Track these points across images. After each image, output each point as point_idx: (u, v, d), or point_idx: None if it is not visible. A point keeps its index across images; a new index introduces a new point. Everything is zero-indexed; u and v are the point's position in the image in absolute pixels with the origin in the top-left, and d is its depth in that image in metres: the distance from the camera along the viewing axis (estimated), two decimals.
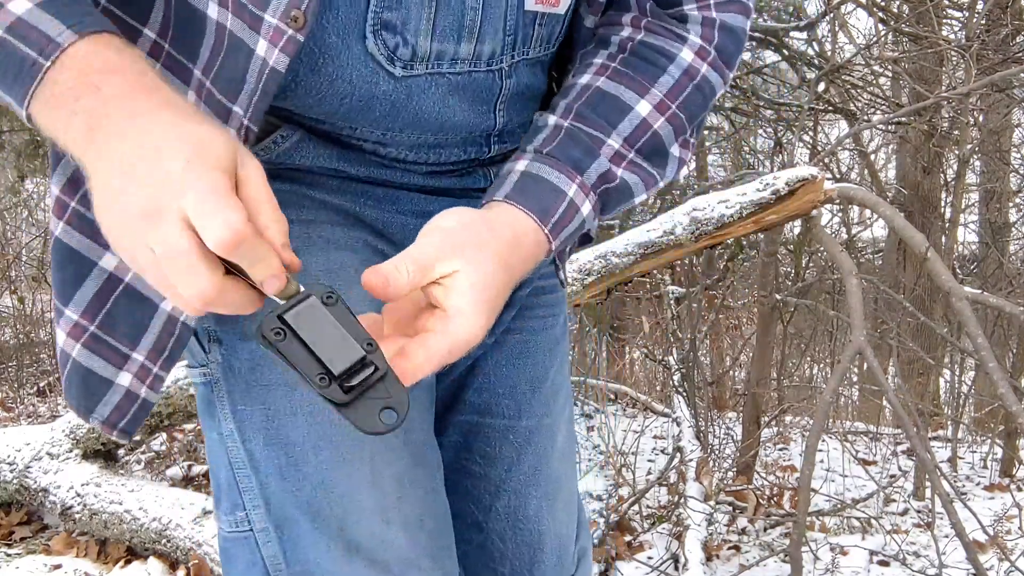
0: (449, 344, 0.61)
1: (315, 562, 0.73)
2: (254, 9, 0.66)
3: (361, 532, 0.72)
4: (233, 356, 0.74)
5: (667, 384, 4.42)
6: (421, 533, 0.75)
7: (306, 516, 0.72)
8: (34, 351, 6.01)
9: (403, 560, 0.73)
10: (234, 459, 0.75)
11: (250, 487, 0.75)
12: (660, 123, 0.78)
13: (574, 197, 0.74)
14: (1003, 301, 2.44)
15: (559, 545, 0.91)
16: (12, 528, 2.73)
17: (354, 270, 0.73)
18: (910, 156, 5.51)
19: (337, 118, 0.76)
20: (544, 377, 0.91)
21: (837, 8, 4.23)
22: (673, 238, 2.56)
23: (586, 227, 0.77)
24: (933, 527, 2.85)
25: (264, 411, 0.73)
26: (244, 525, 0.76)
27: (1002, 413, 4.17)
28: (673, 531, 2.90)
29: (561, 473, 0.92)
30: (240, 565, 0.77)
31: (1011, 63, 4.10)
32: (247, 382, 0.74)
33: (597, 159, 0.76)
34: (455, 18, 0.73)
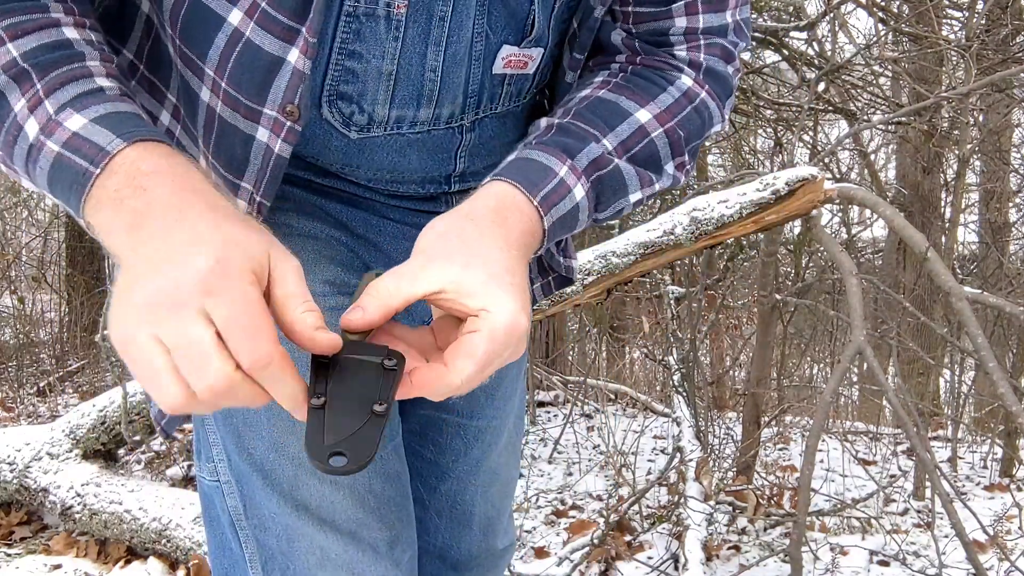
0: (490, 338, 0.60)
1: (269, 516, 0.78)
2: (249, 103, 0.69)
3: (311, 493, 0.77)
4: None
5: (667, 384, 4.42)
6: (370, 496, 0.79)
7: (259, 475, 0.77)
8: (34, 351, 6.01)
9: (351, 520, 0.78)
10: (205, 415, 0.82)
11: (216, 442, 0.82)
12: (658, 133, 0.78)
13: (564, 177, 0.72)
14: (1003, 301, 2.44)
15: (487, 523, 1.01)
16: (12, 528, 2.73)
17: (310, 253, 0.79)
18: (910, 156, 5.51)
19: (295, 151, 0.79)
20: (498, 385, 0.97)
21: (837, 8, 4.22)
22: (673, 238, 2.56)
23: (581, 217, 0.74)
24: (933, 527, 2.85)
25: None
26: (214, 476, 0.83)
27: (1002, 413, 4.17)
28: (673, 531, 2.90)
29: (501, 464, 1.01)
30: (213, 512, 0.84)
31: (1011, 63, 4.10)
32: None
33: (588, 145, 0.74)
34: (414, 88, 0.75)
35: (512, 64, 0.78)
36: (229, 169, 0.71)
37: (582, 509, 3.38)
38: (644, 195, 0.78)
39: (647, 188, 0.78)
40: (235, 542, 0.82)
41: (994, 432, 4.39)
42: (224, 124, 0.71)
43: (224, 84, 0.69)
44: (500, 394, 0.98)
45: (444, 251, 0.63)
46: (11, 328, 6.18)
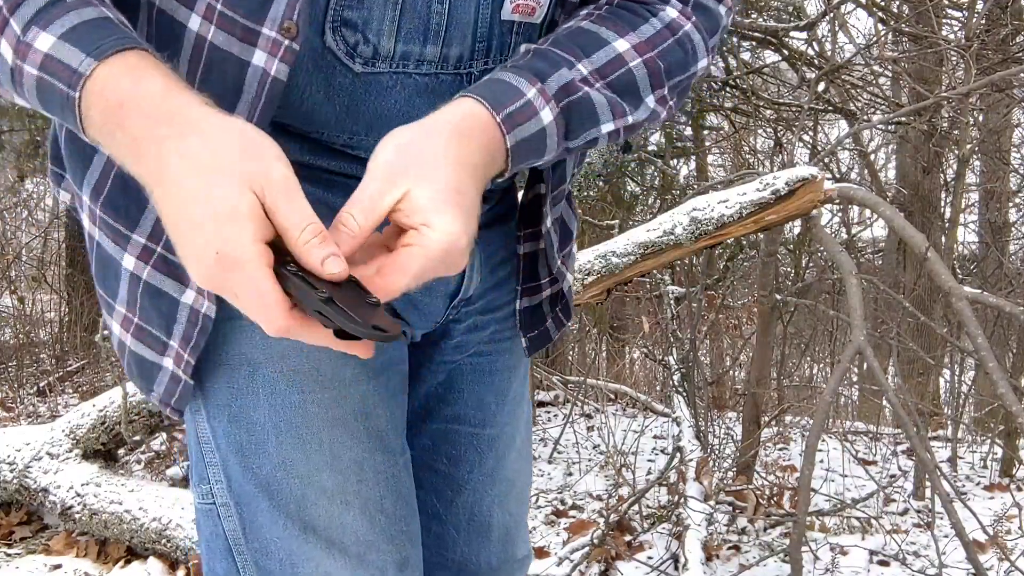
0: (424, 255, 0.61)
1: (273, 540, 0.75)
2: (247, 23, 0.67)
3: (319, 513, 0.74)
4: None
5: (667, 384, 4.42)
6: (380, 516, 0.77)
7: (264, 495, 0.75)
8: (34, 351, 6.01)
9: (361, 542, 0.75)
10: (200, 434, 0.78)
11: (214, 462, 0.78)
12: (636, 63, 0.76)
13: (532, 99, 0.70)
14: (1003, 301, 2.44)
15: (505, 533, 0.98)
16: (12, 528, 2.73)
17: None
18: (910, 156, 5.51)
19: (299, 119, 0.76)
20: (507, 390, 0.95)
21: (837, 8, 4.22)
22: (673, 238, 2.56)
23: (549, 144, 0.72)
24: (933, 527, 2.85)
25: (229, 389, 0.75)
26: (208, 498, 0.79)
27: (1002, 413, 4.16)
28: (673, 531, 2.90)
29: (516, 472, 0.99)
30: (205, 535, 0.80)
31: (1011, 63, 4.10)
32: (213, 360, 0.75)
33: (560, 70, 0.73)
34: (420, 21, 0.73)
35: (520, 9, 0.76)
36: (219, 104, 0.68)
37: (582, 509, 3.38)
38: (618, 126, 0.76)
39: (620, 119, 0.76)
40: (231, 567, 0.79)
41: (994, 432, 4.39)
42: (215, 54, 0.68)
43: (220, 6, 0.67)
44: (510, 399, 0.96)
45: (400, 165, 0.63)
46: (11, 328, 6.18)
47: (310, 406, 0.75)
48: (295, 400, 0.75)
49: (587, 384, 4.97)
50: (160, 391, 0.78)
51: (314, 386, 0.75)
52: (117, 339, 0.79)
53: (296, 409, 0.75)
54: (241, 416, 0.75)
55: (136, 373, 0.80)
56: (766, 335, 3.77)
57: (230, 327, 0.75)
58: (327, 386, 0.76)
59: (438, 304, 0.86)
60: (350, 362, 0.75)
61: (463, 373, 0.92)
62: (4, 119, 6.10)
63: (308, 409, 0.75)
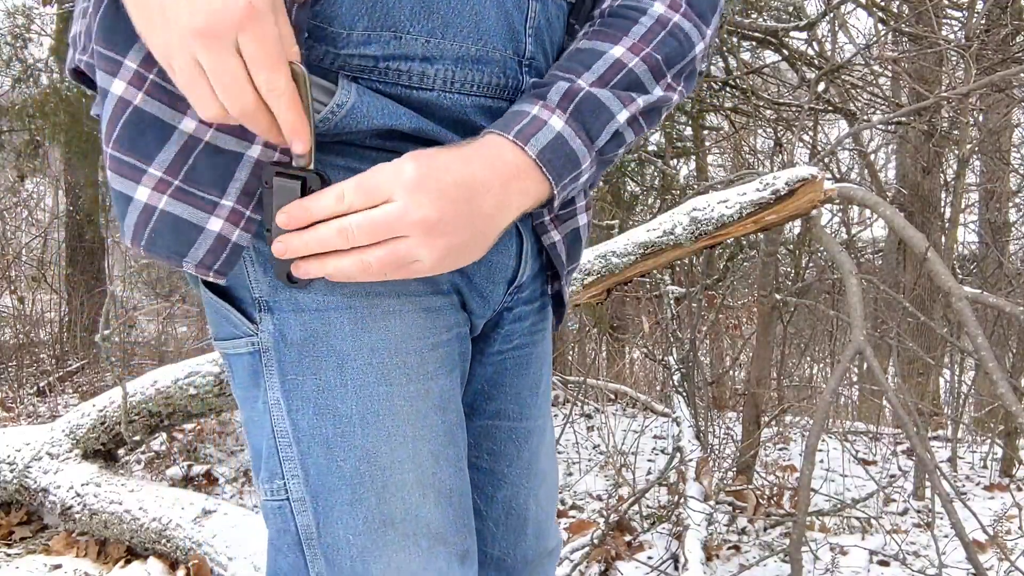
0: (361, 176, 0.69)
1: (347, 535, 0.75)
2: None
3: (397, 505, 0.75)
4: (286, 327, 0.75)
5: (667, 384, 4.42)
6: (450, 508, 0.78)
7: (348, 487, 0.75)
8: (34, 351, 6.01)
9: (432, 535, 0.77)
10: (277, 428, 0.77)
11: (290, 456, 0.76)
12: (635, 62, 0.80)
13: (537, 113, 0.75)
14: (1003, 301, 2.44)
15: (539, 526, 1.01)
16: (12, 528, 2.73)
17: None
18: (910, 156, 5.51)
19: (378, 26, 0.74)
20: (539, 382, 0.97)
21: (837, 8, 4.23)
22: (673, 238, 2.56)
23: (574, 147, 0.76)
24: (933, 527, 2.85)
25: (316, 382, 0.75)
26: (281, 494, 0.78)
27: (1002, 413, 4.17)
28: (673, 531, 2.90)
29: (548, 466, 1.01)
30: (273, 531, 0.79)
31: (1011, 63, 4.10)
32: (300, 353, 0.75)
33: (557, 84, 0.77)
34: None
35: None
36: None
37: (582, 509, 3.38)
38: (632, 111, 0.79)
39: (631, 105, 0.79)
40: (298, 562, 0.78)
41: (994, 432, 4.39)
42: None
43: None
44: (542, 391, 0.98)
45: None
46: (11, 328, 6.18)
47: (397, 399, 0.76)
48: (383, 392, 0.75)
49: (587, 384, 4.97)
50: (200, 254, 0.74)
51: (402, 379, 0.76)
52: (144, 204, 0.74)
53: (383, 402, 0.75)
54: (328, 409, 0.75)
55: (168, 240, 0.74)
56: (766, 335, 3.77)
57: (318, 319, 0.75)
58: (413, 379, 0.77)
59: (499, 291, 0.88)
60: (432, 357, 0.78)
61: (506, 368, 0.93)
62: (4, 119, 6.11)
63: (395, 402, 0.76)
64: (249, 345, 0.78)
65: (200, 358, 2.82)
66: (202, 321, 7.51)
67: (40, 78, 6.12)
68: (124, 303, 7.12)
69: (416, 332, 0.77)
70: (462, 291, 0.83)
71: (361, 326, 0.75)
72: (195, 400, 2.75)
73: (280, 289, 0.75)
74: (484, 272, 0.84)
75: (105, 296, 5.63)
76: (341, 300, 0.75)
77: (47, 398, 5.09)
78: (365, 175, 0.68)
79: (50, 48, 6.22)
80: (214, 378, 2.72)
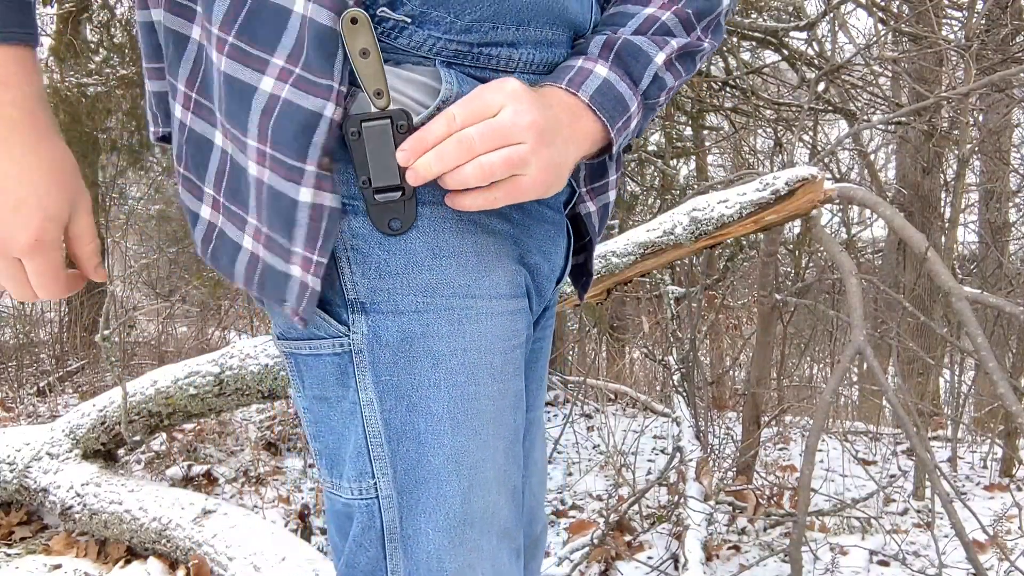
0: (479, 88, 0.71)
1: (426, 532, 0.77)
2: None
3: (478, 504, 0.78)
4: (382, 328, 0.76)
5: (667, 384, 4.42)
6: (514, 505, 0.82)
7: (435, 483, 0.77)
8: (34, 351, 6.01)
9: (501, 531, 0.80)
10: (369, 427, 0.78)
11: (382, 455, 0.77)
12: (667, 16, 0.85)
13: (582, 65, 0.80)
14: (1003, 301, 2.44)
15: (531, 513, 1.01)
16: (12, 528, 2.73)
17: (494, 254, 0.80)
18: (910, 156, 5.51)
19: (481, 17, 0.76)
20: (544, 375, 1.00)
21: (837, 8, 4.22)
22: (673, 238, 2.56)
23: (623, 93, 0.80)
24: (933, 527, 2.85)
25: (411, 381, 0.76)
26: (371, 492, 0.78)
27: (1002, 413, 4.17)
28: (673, 531, 2.90)
29: (541, 454, 1.03)
30: (356, 529, 0.80)
31: (1011, 63, 4.10)
32: (395, 353, 0.76)
33: (595, 38, 0.83)
34: None
35: None
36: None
37: (582, 509, 3.38)
38: (668, 54, 0.84)
39: (666, 48, 0.84)
40: (378, 556, 0.79)
41: (994, 432, 4.39)
42: None
43: None
44: (544, 383, 1.01)
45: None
46: (11, 328, 6.18)
47: (483, 399, 0.78)
48: (471, 392, 0.77)
49: (587, 384, 4.97)
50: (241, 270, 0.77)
51: (488, 379, 0.78)
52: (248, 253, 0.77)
53: (472, 401, 0.77)
54: (420, 407, 0.76)
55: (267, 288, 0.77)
56: (766, 335, 3.77)
57: (417, 321, 0.76)
58: (497, 379, 0.78)
59: (550, 288, 0.91)
60: (511, 358, 0.80)
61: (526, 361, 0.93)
62: None
63: (481, 402, 0.77)
64: (337, 346, 0.78)
65: (200, 358, 2.82)
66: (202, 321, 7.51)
67: None
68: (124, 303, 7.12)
69: (502, 333, 0.79)
70: (531, 293, 0.86)
71: (458, 328, 0.76)
72: (195, 400, 2.75)
73: (379, 292, 0.75)
74: (546, 269, 0.88)
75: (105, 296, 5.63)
76: (441, 301, 0.75)
77: (47, 398, 5.09)
78: (470, 96, 0.71)
79: (50, 48, 6.21)
80: (214, 378, 2.72)
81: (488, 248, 0.78)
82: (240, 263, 0.78)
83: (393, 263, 0.75)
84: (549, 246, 0.87)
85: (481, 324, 0.77)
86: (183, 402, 2.76)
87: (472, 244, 0.77)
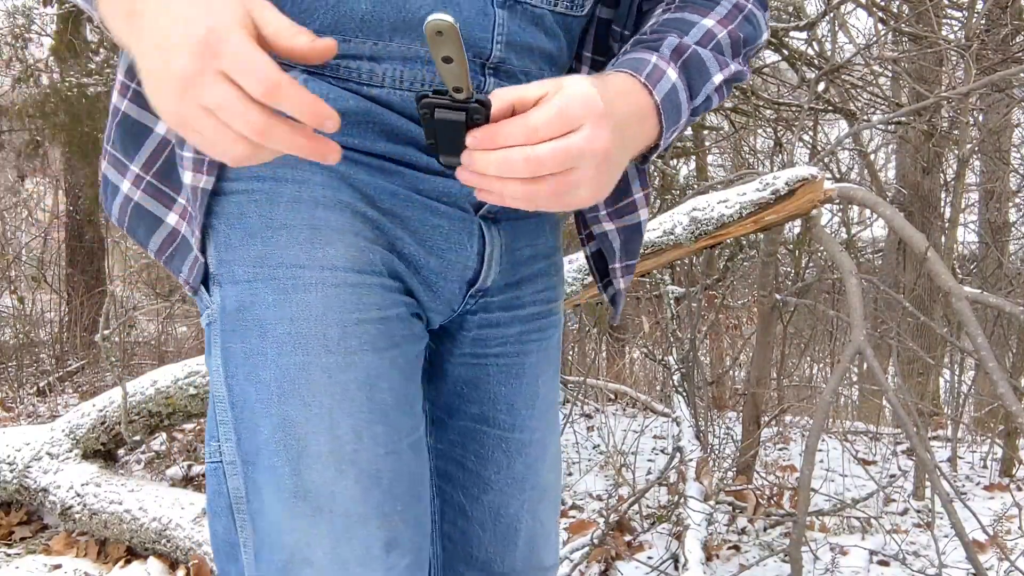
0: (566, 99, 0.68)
1: (268, 503, 0.76)
2: None
3: (312, 478, 0.75)
4: (226, 298, 0.79)
5: (667, 384, 4.42)
6: (376, 489, 0.77)
7: (266, 453, 0.76)
8: (34, 351, 6.01)
9: (349, 513, 0.75)
10: (216, 393, 0.81)
11: (225, 420, 0.80)
12: (723, 35, 0.86)
13: (657, 63, 0.79)
14: (1003, 301, 2.44)
15: (532, 539, 0.99)
16: (12, 528, 2.73)
17: (334, 229, 0.79)
18: (910, 156, 5.51)
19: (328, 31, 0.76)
20: (537, 394, 0.97)
21: (837, 8, 4.22)
22: (673, 238, 2.55)
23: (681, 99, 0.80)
24: (933, 527, 2.85)
25: (244, 349, 0.78)
26: (216, 456, 0.82)
27: (1002, 413, 4.17)
28: (673, 531, 2.90)
29: (549, 482, 1.01)
30: (209, 494, 0.84)
31: (1011, 63, 4.10)
32: (234, 321, 0.79)
33: (667, 39, 0.82)
34: None
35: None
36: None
37: (582, 509, 3.38)
38: (724, 76, 0.84)
39: (725, 70, 0.84)
40: (230, 526, 0.81)
41: (994, 432, 4.39)
42: None
43: None
44: (540, 403, 0.98)
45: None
46: (11, 328, 6.18)
47: (314, 369, 0.76)
48: (299, 362, 0.76)
49: (587, 384, 4.97)
50: (158, 243, 0.85)
51: (320, 350, 0.76)
52: (125, 196, 0.85)
53: (300, 371, 0.76)
54: (252, 375, 0.77)
55: (141, 230, 0.86)
56: (766, 335, 3.77)
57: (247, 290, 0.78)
58: (332, 351, 0.76)
59: (453, 288, 0.87)
60: (356, 331, 0.77)
61: (489, 374, 0.94)
62: (4, 119, 6.11)
63: (312, 373, 0.76)
64: (207, 318, 0.83)
65: (200, 358, 2.82)
66: None
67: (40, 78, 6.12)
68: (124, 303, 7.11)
69: (339, 305, 0.77)
70: (402, 277, 0.83)
71: (283, 296, 0.77)
72: (195, 400, 2.75)
73: (223, 263, 0.79)
74: (435, 265, 0.85)
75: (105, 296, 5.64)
76: (267, 272, 0.77)
77: (47, 398, 5.09)
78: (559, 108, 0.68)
79: (50, 48, 6.22)
80: None
81: (328, 223, 0.78)
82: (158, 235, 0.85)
83: (234, 237, 0.78)
84: (439, 241, 0.84)
85: (309, 294, 0.76)
86: (183, 402, 2.76)
87: (307, 218, 0.78)
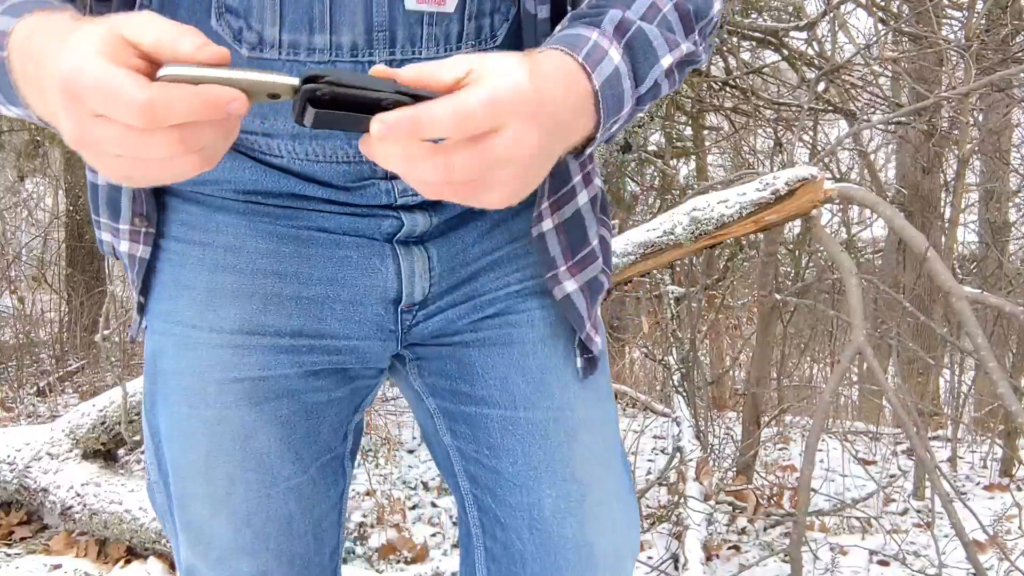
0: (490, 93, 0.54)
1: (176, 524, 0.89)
2: None
3: (193, 514, 0.86)
4: (148, 342, 0.88)
5: (667, 384, 4.42)
6: (247, 529, 0.85)
7: (165, 487, 0.88)
8: (34, 351, 6.00)
9: (223, 547, 0.86)
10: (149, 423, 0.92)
11: (150, 446, 0.90)
12: (668, 7, 0.75)
13: (598, 40, 0.68)
14: (1003, 301, 2.44)
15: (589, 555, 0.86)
16: (12, 528, 2.73)
17: (229, 292, 0.82)
18: (910, 156, 5.51)
19: None
20: (541, 368, 0.87)
21: (837, 8, 4.22)
22: (673, 238, 2.55)
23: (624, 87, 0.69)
24: (933, 527, 2.85)
25: (151, 390, 0.88)
26: (147, 475, 0.93)
27: (1002, 413, 4.16)
28: (673, 531, 2.90)
29: (593, 477, 0.88)
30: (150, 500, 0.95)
31: (1011, 63, 4.10)
32: (151, 364, 0.87)
33: (609, 12, 0.71)
34: (303, 11, 0.71)
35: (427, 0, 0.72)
36: None
37: None
38: (674, 59, 0.74)
39: (675, 50, 0.74)
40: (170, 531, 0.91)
41: (994, 432, 4.39)
42: None
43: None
44: (549, 380, 0.87)
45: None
46: (11, 328, 6.18)
47: (195, 420, 0.84)
48: (184, 413, 0.84)
49: None
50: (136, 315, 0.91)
51: (199, 403, 0.83)
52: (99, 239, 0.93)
53: (183, 421, 0.84)
54: (155, 413, 0.87)
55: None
56: (766, 335, 3.77)
57: (158, 341, 0.85)
58: (211, 405, 0.83)
59: (377, 310, 0.84)
60: (233, 389, 0.83)
61: (470, 352, 0.87)
62: (4, 119, 6.11)
63: (192, 423, 0.84)
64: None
65: None
66: None
67: None
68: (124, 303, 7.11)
69: (220, 365, 0.82)
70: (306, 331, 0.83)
71: (179, 352, 0.83)
72: None
73: (148, 312, 0.86)
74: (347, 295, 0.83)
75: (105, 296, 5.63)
76: (170, 328, 0.84)
77: (47, 398, 5.08)
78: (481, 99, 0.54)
79: None
80: None
81: (224, 287, 0.82)
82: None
83: (156, 290, 0.85)
84: (349, 271, 0.82)
85: (198, 352, 0.82)
86: None
87: (206, 281, 0.82)
